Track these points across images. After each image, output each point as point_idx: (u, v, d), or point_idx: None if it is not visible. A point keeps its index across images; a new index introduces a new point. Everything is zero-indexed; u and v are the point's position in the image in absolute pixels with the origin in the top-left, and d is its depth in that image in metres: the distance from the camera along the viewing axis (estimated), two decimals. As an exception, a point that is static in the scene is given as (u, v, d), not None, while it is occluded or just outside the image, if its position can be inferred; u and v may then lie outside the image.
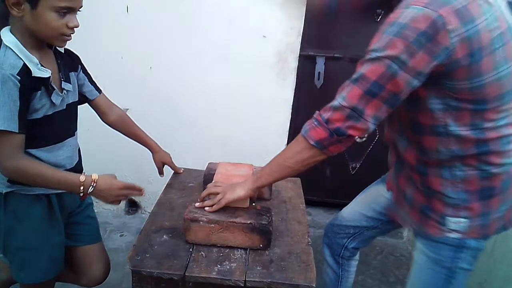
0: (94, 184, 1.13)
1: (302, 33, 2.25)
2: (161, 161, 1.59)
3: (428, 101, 0.96)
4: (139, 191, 1.23)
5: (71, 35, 1.11)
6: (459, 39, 0.85)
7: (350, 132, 0.97)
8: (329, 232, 1.50)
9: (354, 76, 0.95)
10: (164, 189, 1.54)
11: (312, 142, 1.02)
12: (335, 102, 0.98)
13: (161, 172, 1.62)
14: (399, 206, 1.19)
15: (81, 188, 1.12)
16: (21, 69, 1.03)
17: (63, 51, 1.24)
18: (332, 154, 1.04)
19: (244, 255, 1.16)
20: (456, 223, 1.04)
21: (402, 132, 1.09)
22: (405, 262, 2.30)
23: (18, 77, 1.02)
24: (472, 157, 0.99)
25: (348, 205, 1.48)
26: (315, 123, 1.01)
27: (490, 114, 0.94)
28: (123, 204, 2.65)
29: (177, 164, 1.65)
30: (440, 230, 1.06)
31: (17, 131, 1.03)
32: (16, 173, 1.08)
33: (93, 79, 1.38)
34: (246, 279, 1.05)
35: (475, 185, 1.01)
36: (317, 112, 1.03)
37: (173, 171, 1.66)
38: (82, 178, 1.12)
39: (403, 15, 0.87)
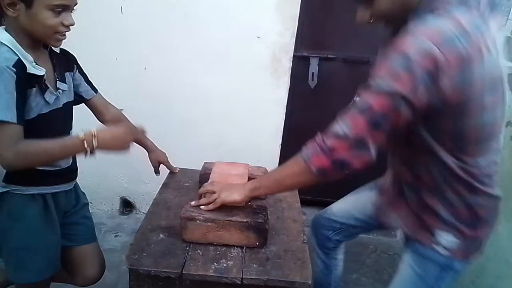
0: (96, 137, 1.08)
1: (296, 34, 2.27)
2: (157, 160, 1.59)
3: (414, 128, 0.96)
4: (143, 131, 1.20)
5: (66, 34, 1.12)
6: (454, 85, 0.85)
7: (355, 163, 0.95)
8: (316, 222, 1.52)
9: (360, 104, 0.92)
10: (160, 188, 1.54)
11: (313, 169, 0.98)
12: (338, 129, 0.94)
13: (157, 171, 1.61)
14: (392, 209, 1.20)
15: (85, 144, 1.07)
16: (16, 62, 1.03)
17: (58, 51, 1.24)
18: (331, 179, 1.02)
19: (240, 253, 1.17)
20: (446, 239, 1.06)
21: (400, 144, 1.09)
22: (399, 261, 2.29)
23: (14, 69, 1.01)
24: (459, 185, 1.01)
25: (339, 200, 1.50)
26: (318, 149, 0.97)
27: (469, 152, 0.97)
28: (117, 204, 2.65)
29: (172, 164, 1.66)
30: (430, 240, 1.08)
31: (15, 121, 1.01)
32: (18, 159, 1.04)
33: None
34: (243, 277, 1.06)
35: (464, 213, 1.04)
36: (319, 135, 0.99)
37: (168, 171, 1.66)
38: (81, 135, 1.07)
39: (413, 47, 0.84)
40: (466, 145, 0.96)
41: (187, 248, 1.17)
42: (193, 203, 1.24)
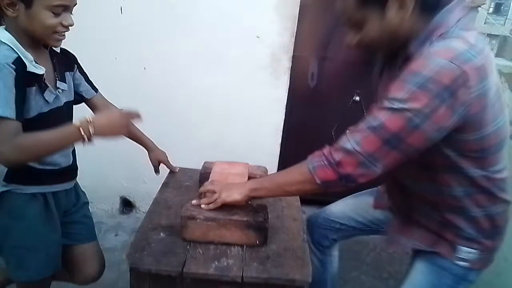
0: (92, 123, 1.05)
1: (296, 34, 2.27)
2: (157, 159, 1.60)
3: (435, 149, 0.95)
4: (137, 115, 1.19)
5: (65, 34, 1.12)
6: (475, 96, 0.86)
7: (361, 179, 0.96)
8: (313, 221, 1.52)
9: (372, 122, 0.92)
10: (160, 188, 1.54)
11: (318, 181, 1.00)
12: (347, 144, 0.94)
13: (157, 171, 1.62)
14: (402, 235, 1.19)
15: (82, 131, 1.05)
16: (15, 59, 1.03)
17: (59, 51, 1.25)
18: (333, 191, 1.03)
19: (241, 252, 1.17)
20: (467, 252, 1.07)
21: (414, 169, 1.06)
22: (398, 259, 2.33)
23: (13, 66, 1.01)
24: (481, 196, 1.02)
25: (337, 201, 1.50)
26: (325, 162, 0.98)
27: (491, 160, 0.98)
28: (117, 204, 2.65)
29: (172, 163, 1.66)
30: (450, 254, 1.09)
31: (13, 117, 1.00)
32: (17, 153, 1.01)
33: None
34: (244, 275, 1.07)
35: (485, 225, 1.05)
36: (327, 148, 1.00)
37: (168, 170, 1.67)
38: (76, 123, 1.06)
39: (428, 67, 0.85)
40: (488, 153, 0.96)
41: (188, 247, 1.17)
42: (193, 202, 1.24)
